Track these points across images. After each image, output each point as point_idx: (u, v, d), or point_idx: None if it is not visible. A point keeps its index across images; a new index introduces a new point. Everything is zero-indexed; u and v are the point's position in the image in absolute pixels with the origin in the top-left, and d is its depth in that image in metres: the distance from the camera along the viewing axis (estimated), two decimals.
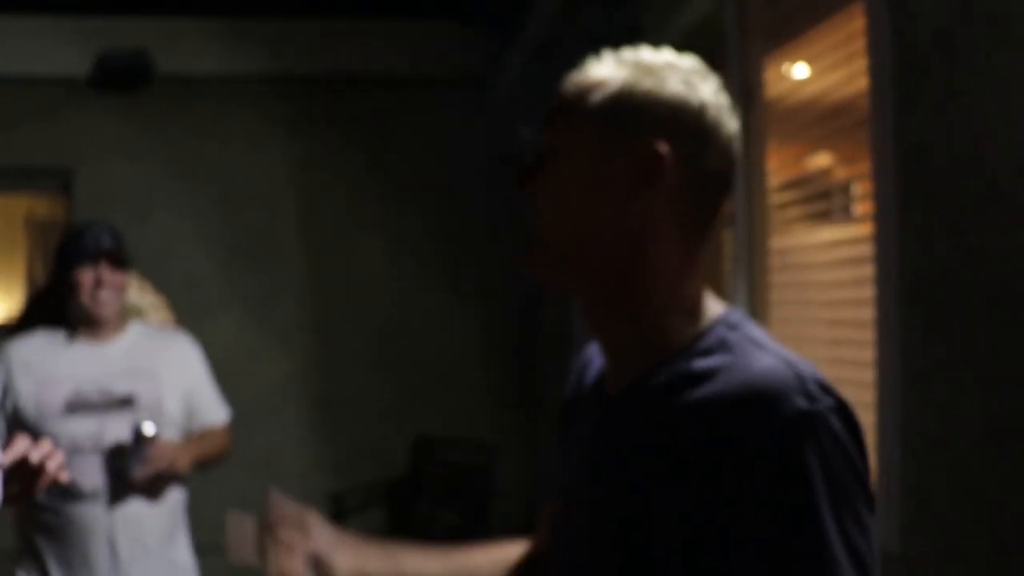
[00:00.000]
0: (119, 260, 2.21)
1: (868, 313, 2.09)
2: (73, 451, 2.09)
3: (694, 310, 0.88)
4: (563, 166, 0.89)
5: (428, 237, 5.31)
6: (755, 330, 0.87)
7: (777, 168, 2.44)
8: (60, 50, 4.85)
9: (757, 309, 2.34)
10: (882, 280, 1.72)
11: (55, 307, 2.29)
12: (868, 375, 1.99)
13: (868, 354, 2.05)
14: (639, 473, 0.84)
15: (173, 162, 5.03)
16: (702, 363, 0.83)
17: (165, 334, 2.47)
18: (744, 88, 2.34)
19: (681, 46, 2.87)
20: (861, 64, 1.99)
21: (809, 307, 2.26)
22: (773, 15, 2.30)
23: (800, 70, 2.26)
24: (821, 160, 2.47)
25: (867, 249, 2.13)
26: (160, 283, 4.09)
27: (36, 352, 2.24)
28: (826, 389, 0.77)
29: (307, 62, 5.07)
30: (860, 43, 1.97)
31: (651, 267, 0.87)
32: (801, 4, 2.18)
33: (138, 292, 3.11)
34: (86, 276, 2.17)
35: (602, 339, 0.94)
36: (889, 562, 1.68)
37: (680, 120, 0.87)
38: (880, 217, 1.73)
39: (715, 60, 2.75)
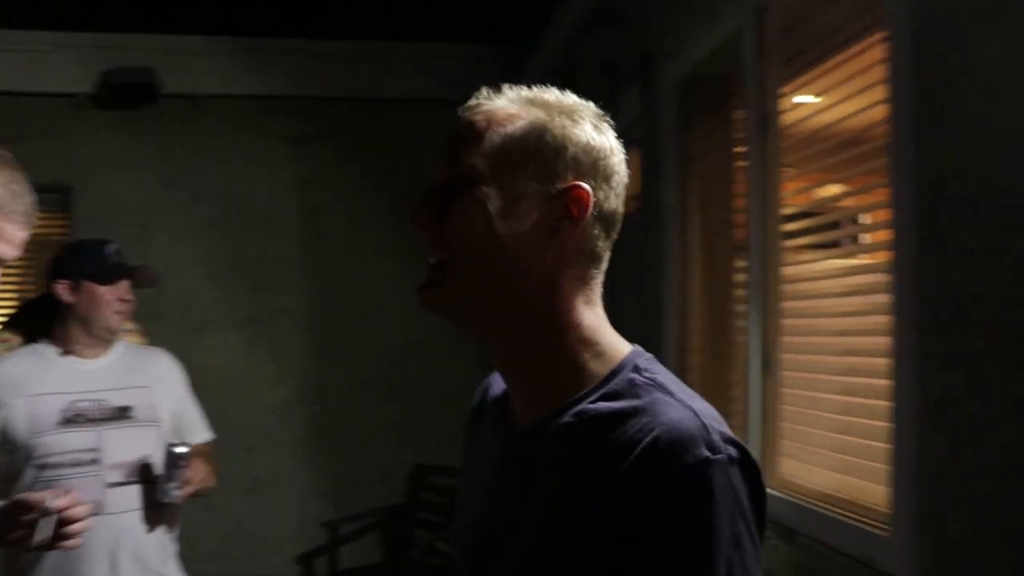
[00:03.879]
0: (138, 280, 2.27)
1: (880, 342, 2.09)
2: (72, 465, 2.09)
3: (601, 348, 0.90)
4: (484, 197, 0.87)
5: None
6: (663, 373, 0.89)
7: (789, 196, 2.45)
8: (65, 67, 4.85)
9: (770, 336, 2.33)
10: (899, 310, 1.72)
11: (45, 321, 2.28)
12: (880, 403, 1.99)
13: (881, 383, 2.04)
14: (547, 513, 0.85)
15: (174, 181, 5.01)
16: (611, 406, 0.85)
17: (151, 350, 2.46)
18: (760, 115, 2.34)
19: (696, 73, 2.90)
20: (876, 95, 2.00)
21: (822, 335, 2.25)
22: (790, 44, 2.31)
23: (815, 99, 2.27)
24: (832, 189, 2.48)
25: (877, 278, 2.14)
26: (159, 304, 4.07)
27: (24, 368, 2.21)
28: (728, 440, 0.80)
29: (312, 82, 5.08)
30: (877, 74, 1.98)
31: (562, 304, 0.88)
32: (818, 34, 2.19)
33: None
34: (111, 292, 2.20)
35: (511, 375, 0.94)
36: None
37: (594, 162, 0.89)
38: (898, 247, 1.73)
39: (730, 87, 2.81)
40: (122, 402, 2.19)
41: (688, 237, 2.99)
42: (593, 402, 0.86)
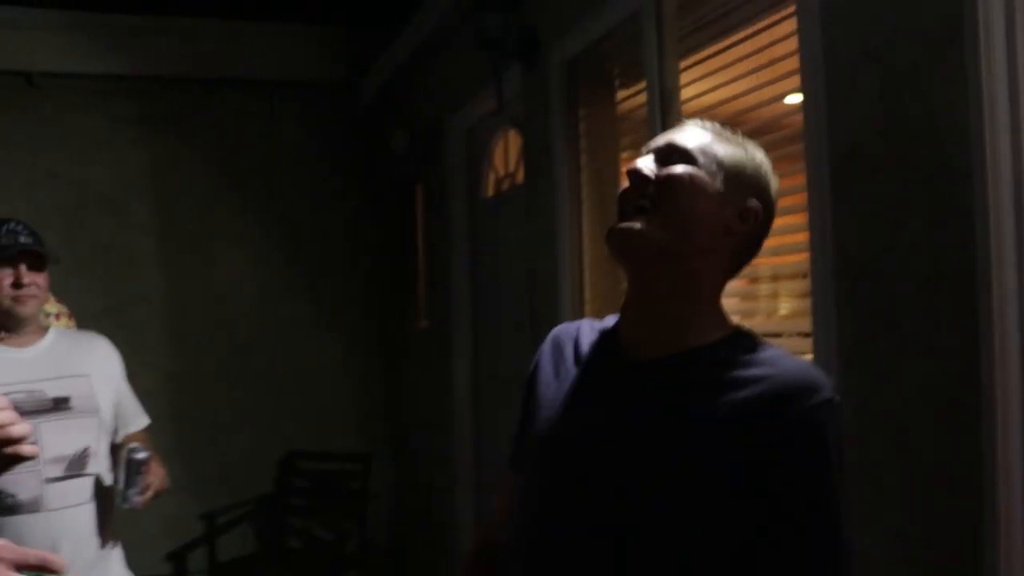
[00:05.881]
0: (40, 258, 2.11)
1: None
2: None
3: (722, 317, 1.16)
4: (696, 191, 1.11)
5: (290, 244, 5.21)
6: (765, 340, 1.14)
7: None
8: None
9: None
10: (817, 263, 1.91)
11: None
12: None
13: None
14: (689, 416, 1.05)
15: (13, 164, 4.66)
16: (747, 355, 1.08)
17: (86, 336, 2.34)
18: (662, 93, 2.50)
19: (584, 53, 3.02)
20: (774, 72, 2.19)
21: None
22: (686, 24, 2.47)
23: (713, 77, 2.44)
24: None
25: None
26: None
27: None
28: (835, 386, 1.06)
29: (159, 61, 4.86)
30: (774, 53, 2.17)
31: (714, 279, 1.14)
32: (716, 14, 2.36)
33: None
34: (4, 275, 2.06)
35: (650, 316, 1.14)
36: None
37: (763, 187, 1.15)
38: (813, 208, 1.92)
39: (615, 67, 2.96)
40: (58, 392, 2.07)
41: (580, 212, 3.13)
42: (722, 349, 1.09)
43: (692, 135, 1.15)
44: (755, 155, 1.16)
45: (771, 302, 2.35)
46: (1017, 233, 1.54)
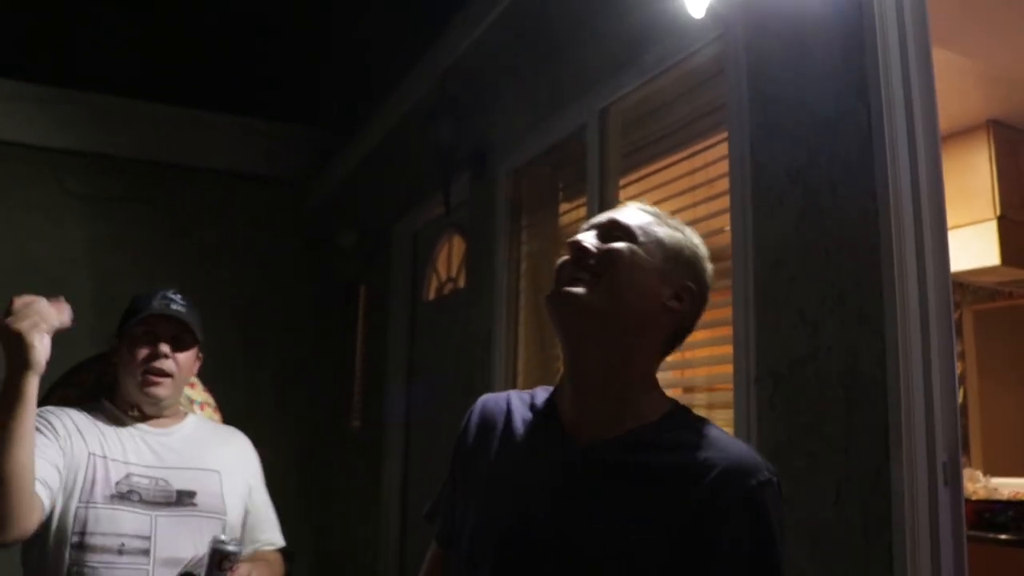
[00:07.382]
0: (190, 336, 1.89)
1: None
2: (118, 551, 1.70)
3: (659, 394, 1.17)
4: (635, 266, 1.14)
5: (226, 333, 5.17)
6: (700, 417, 1.17)
7: None
8: None
9: None
10: (739, 371, 2.01)
11: (103, 380, 1.95)
12: None
13: None
14: (635, 505, 1.07)
15: None
16: (681, 436, 1.11)
17: (226, 430, 2.06)
18: (603, 207, 2.63)
19: (529, 165, 3.16)
20: (710, 190, 2.34)
21: None
22: (628, 143, 2.64)
23: (651, 194, 2.59)
24: None
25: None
26: None
27: (86, 421, 1.80)
28: (772, 468, 1.10)
29: (118, 141, 4.93)
30: (709, 173, 2.34)
31: (650, 354, 1.16)
32: (656, 135, 2.53)
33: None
34: (141, 347, 1.84)
35: (586, 393, 1.15)
36: None
37: (698, 272, 1.19)
38: (737, 316, 2.03)
39: (558, 179, 3.11)
40: (185, 485, 1.80)
41: (517, 318, 3.22)
42: (663, 430, 1.12)
43: (633, 215, 1.18)
44: (693, 240, 1.20)
45: (704, 411, 2.43)
46: (923, 343, 1.66)
